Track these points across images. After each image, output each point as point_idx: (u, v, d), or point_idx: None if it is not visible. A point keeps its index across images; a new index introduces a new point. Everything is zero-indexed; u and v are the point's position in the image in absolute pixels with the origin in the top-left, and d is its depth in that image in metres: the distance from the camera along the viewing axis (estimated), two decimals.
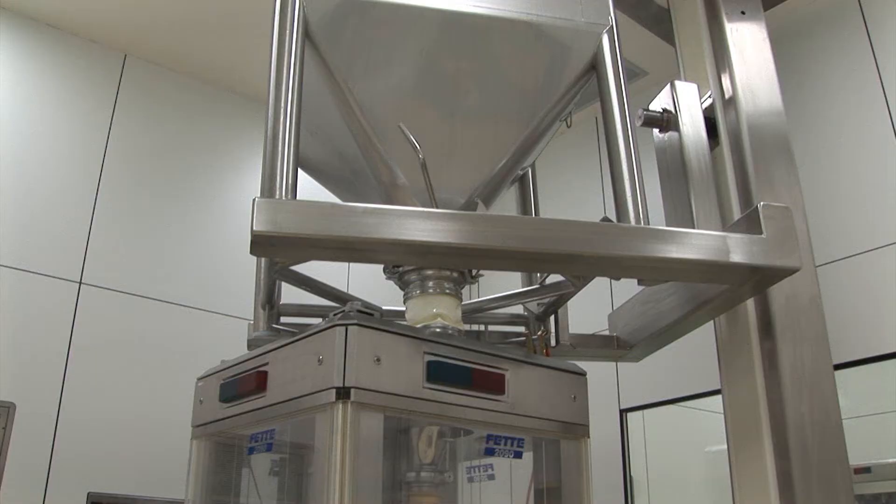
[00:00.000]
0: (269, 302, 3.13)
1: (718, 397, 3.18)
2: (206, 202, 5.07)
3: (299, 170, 2.64)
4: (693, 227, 2.93)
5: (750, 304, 2.96)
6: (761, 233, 2.47)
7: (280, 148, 2.47)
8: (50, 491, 3.94)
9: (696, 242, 2.46)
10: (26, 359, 4.05)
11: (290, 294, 3.20)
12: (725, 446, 3.09)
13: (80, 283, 4.39)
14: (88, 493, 3.98)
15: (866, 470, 3.98)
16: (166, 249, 4.78)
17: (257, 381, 2.66)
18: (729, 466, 3.07)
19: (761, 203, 2.52)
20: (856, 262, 3.94)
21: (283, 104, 2.52)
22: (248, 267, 3.17)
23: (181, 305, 4.65)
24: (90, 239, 4.49)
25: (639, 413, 4.51)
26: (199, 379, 3.11)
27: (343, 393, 2.30)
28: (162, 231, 4.81)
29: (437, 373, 2.45)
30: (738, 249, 2.44)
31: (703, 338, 3.22)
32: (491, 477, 2.96)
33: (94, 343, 4.29)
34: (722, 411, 3.12)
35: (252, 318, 3.19)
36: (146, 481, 4.09)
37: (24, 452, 3.91)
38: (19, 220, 4.28)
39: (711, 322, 3.15)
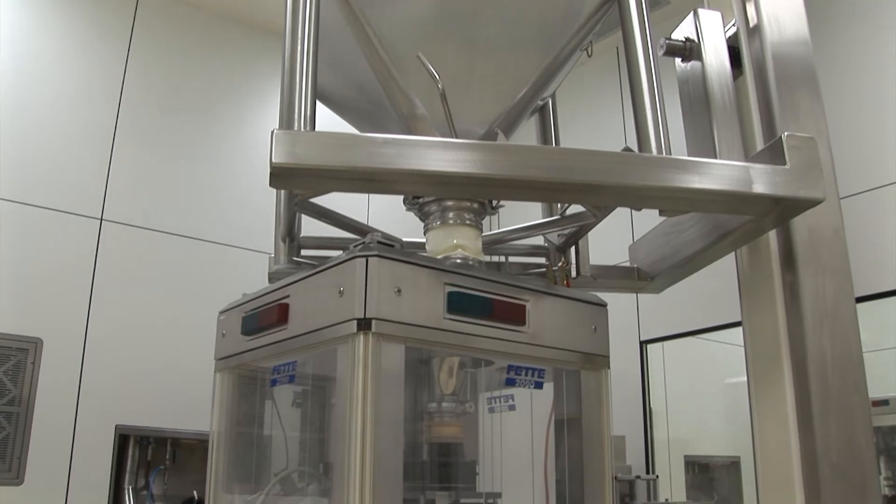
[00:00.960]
0: (290, 235, 3.14)
1: (739, 329, 3.18)
2: (225, 136, 5.06)
3: (318, 103, 2.62)
4: (715, 158, 2.90)
5: (772, 235, 2.93)
6: (785, 163, 2.44)
7: (298, 80, 2.45)
8: (79, 424, 4.01)
9: (719, 172, 2.43)
10: (51, 296, 4.09)
11: (311, 227, 3.20)
12: (745, 378, 3.09)
13: (101, 219, 4.41)
14: (116, 426, 4.05)
15: (884, 402, 3.99)
16: (186, 184, 4.78)
17: (279, 313, 2.68)
18: (748, 398, 3.07)
19: (785, 133, 2.47)
20: (879, 195, 3.89)
21: (300, 36, 2.49)
22: (268, 200, 3.16)
23: (202, 240, 4.67)
24: (110, 176, 4.50)
25: (658, 345, 4.51)
26: (221, 312, 3.13)
27: (364, 324, 2.31)
28: (181, 166, 4.81)
29: (458, 303, 2.45)
30: (761, 180, 2.41)
31: (724, 269, 3.21)
32: (511, 408, 2.99)
33: (117, 279, 4.33)
34: (742, 343, 3.12)
35: (272, 251, 3.21)
36: (172, 414, 4.15)
37: (52, 387, 3.98)
38: (38, 159, 4.29)
39: (733, 253, 3.13)
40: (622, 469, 4.18)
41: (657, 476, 4.36)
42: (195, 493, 4.00)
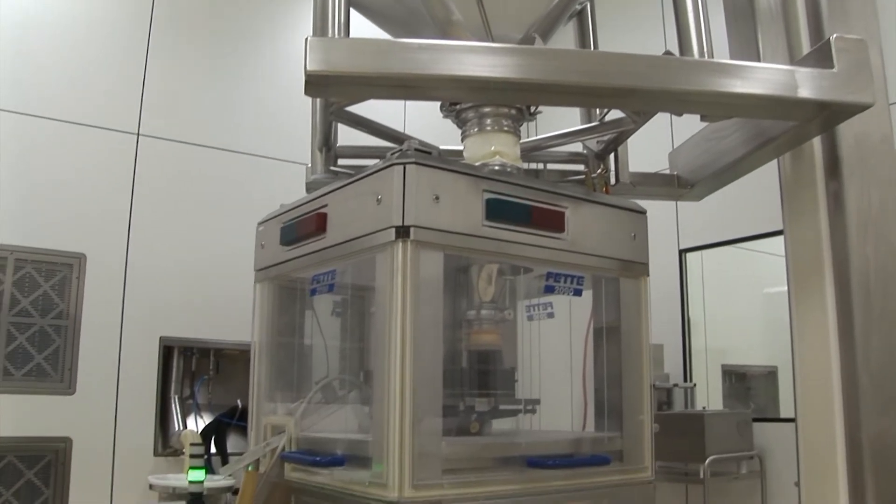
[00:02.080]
0: (326, 144, 3.13)
1: (779, 238, 3.14)
2: (260, 46, 5.01)
3: (352, 11, 2.57)
4: (759, 62, 2.82)
5: (816, 142, 2.87)
6: (832, 66, 2.36)
7: None
8: (124, 337, 4.09)
9: (763, 76, 2.37)
10: (92, 211, 4.13)
11: (347, 136, 3.19)
12: (785, 288, 3.07)
13: (138, 134, 4.42)
14: (160, 338, 4.13)
15: None
16: (221, 96, 4.76)
17: (317, 223, 2.69)
18: (788, 308, 3.05)
19: (834, 35, 2.39)
20: None
21: None
22: (304, 110, 3.14)
23: (238, 152, 4.67)
24: (144, 90, 4.50)
25: (697, 253, 4.49)
26: (260, 223, 3.15)
27: (402, 232, 2.31)
28: (215, 78, 4.78)
29: (497, 210, 2.44)
30: (807, 84, 2.34)
31: (765, 177, 3.15)
32: (550, 315, 2.99)
33: (156, 193, 4.36)
34: (783, 253, 3.08)
35: (309, 161, 3.20)
36: (214, 325, 4.22)
37: (97, 301, 4.05)
38: (74, 76, 4.29)
39: (775, 160, 3.07)
40: (660, 377, 4.20)
41: (694, 384, 4.39)
42: (239, 401, 4.09)
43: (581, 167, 3.29)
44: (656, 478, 2.88)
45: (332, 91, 2.53)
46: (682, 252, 4.51)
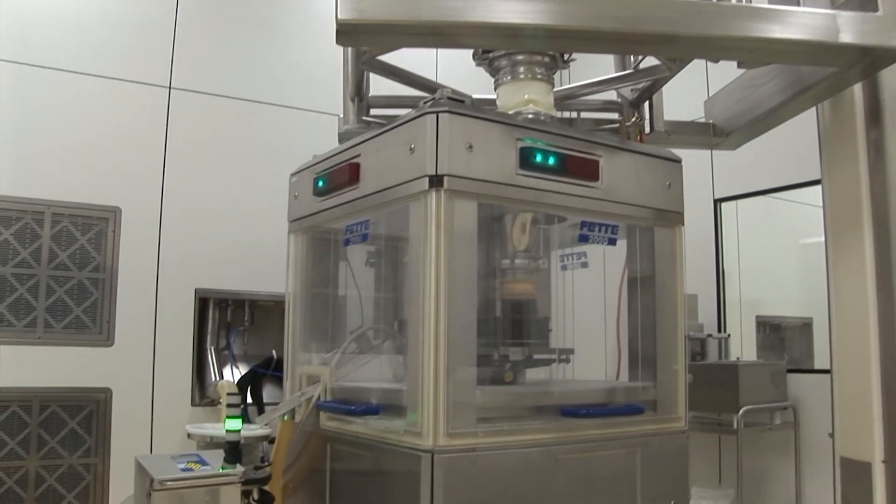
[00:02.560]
0: (358, 94, 3.11)
1: (817, 188, 3.10)
2: None
3: None
4: (799, 6, 2.76)
5: (857, 89, 2.80)
6: (877, 10, 2.30)
7: None
8: (161, 289, 4.13)
9: (803, 21, 2.32)
10: (126, 165, 4.15)
11: (379, 86, 3.17)
12: (822, 238, 3.03)
13: (170, 87, 4.42)
14: (196, 290, 4.17)
15: None
16: (252, 48, 4.73)
17: (350, 173, 2.68)
18: (825, 258, 3.02)
19: None
20: None
21: None
22: (335, 60, 3.13)
23: (271, 104, 4.65)
24: (176, 44, 4.48)
25: (733, 203, 4.44)
26: (293, 174, 3.15)
27: (436, 181, 2.31)
28: (247, 29, 4.76)
29: (530, 159, 2.43)
30: (849, 28, 2.29)
31: (803, 125, 3.10)
32: (584, 265, 2.98)
33: (189, 146, 4.37)
34: (820, 203, 3.04)
35: (341, 112, 3.19)
36: (249, 277, 4.25)
37: (133, 254, 4.09)
38: (105, 30, 4.28)
39: (813, 108, 3.02)
40: (694, 327, 4.19)
41: (728, 335, 4.37)
42: (274, 352, 4.13)
43: (615, 115, 3.25)
44: (689, 428, 2.89)
45: (364, 40, 2.51)
46: (717, 202, 4.47)
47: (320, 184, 2.87)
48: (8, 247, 3.81)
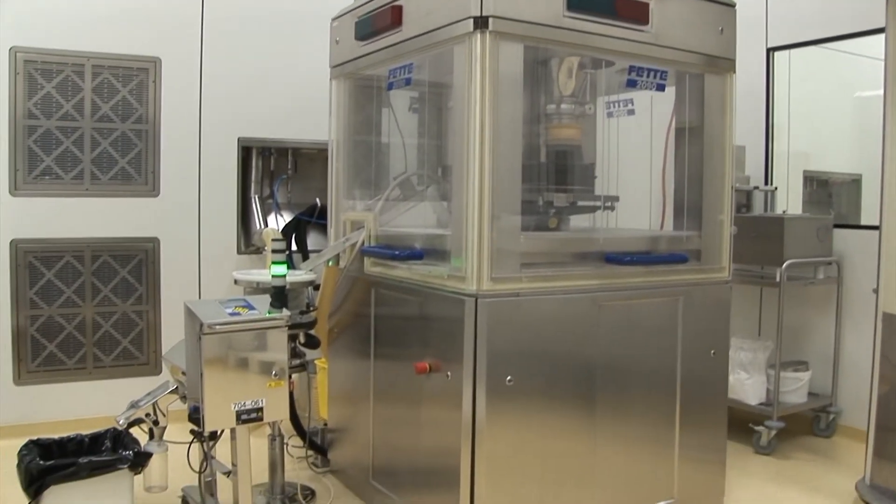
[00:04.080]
0: None
1: (879, 37, 2.97)
2: None
3: None
4: None
5: None
6: None
7: None
8: (204, 139, 4.13)
9: None
10: (165, 15, 4.08)
11: None
12: (881, 91, 2.93)
13: None
14: (238, 139, 4.16)
15: None
16: None
17: (392, 15, 2.62)
18: (882, 112, 2.93)
19: None
20: None
21: None
22: None
23: None
24: None
25: (786, 52, 4.28)
26: (334, 19, 3.09)
27: (481, 22, 2.25)
28: None
29: (578, 0, 2.35)
30: None
31: None
32: (631, 112, 2.93)
33: None
34: (881, 55, 2.92)
35: None
36: (291, 125, 4.21)
37: (175, 105, 4.06)
38: None
39: None
40: (741, 179, 4.11)
41: (775, 188, 4.29)
42: (317, 200, 4.14)
43: None
44: (731, 279, 2.89)
45: None
46: (770, 51, 4.31)
47: (362, 28, 2.81)
48: (51, 100, 3.81)
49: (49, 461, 2.44)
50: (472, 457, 2.30)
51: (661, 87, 2.63)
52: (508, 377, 2.31)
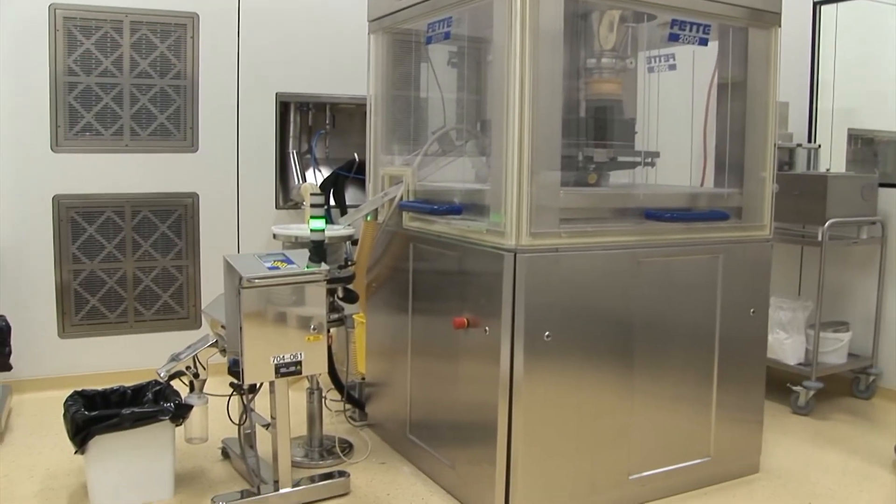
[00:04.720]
0: None
1: None
2: None
3: None
4: None
5: None
6: None
7: None
8: (242, 94, 4.13)
9: None
10: None
11: None
12: None
13: None
14: (276, 94, 4.16)
15: None
16: None
17: None
18: None
19: None
20: None
21: None
22: None
23: None
24: None
25: (833, 6, 4.18)
26: None
27: None
28: None
29: None
30: None
31: None
32: (672, 67, 2.88)
33: None
34: None
35: None
36: (329, 80, 4.20)
37: (213, 60, 4.06)
38: None
39: None
40: (783, 136, 4.04)
41: (819, 146, 4.21)
42: (356, 155, 4.13)
43: None
44: (772, 238, 2.85)
45: None
46: (817, 4, 4.21)
47: None
48: (90, 56, 3.82)
49: (93, 412, 2.49)
50: (509, 412, 2.31)
51: (703, 42, 2.59)
52: (546, 333, 2.30)
